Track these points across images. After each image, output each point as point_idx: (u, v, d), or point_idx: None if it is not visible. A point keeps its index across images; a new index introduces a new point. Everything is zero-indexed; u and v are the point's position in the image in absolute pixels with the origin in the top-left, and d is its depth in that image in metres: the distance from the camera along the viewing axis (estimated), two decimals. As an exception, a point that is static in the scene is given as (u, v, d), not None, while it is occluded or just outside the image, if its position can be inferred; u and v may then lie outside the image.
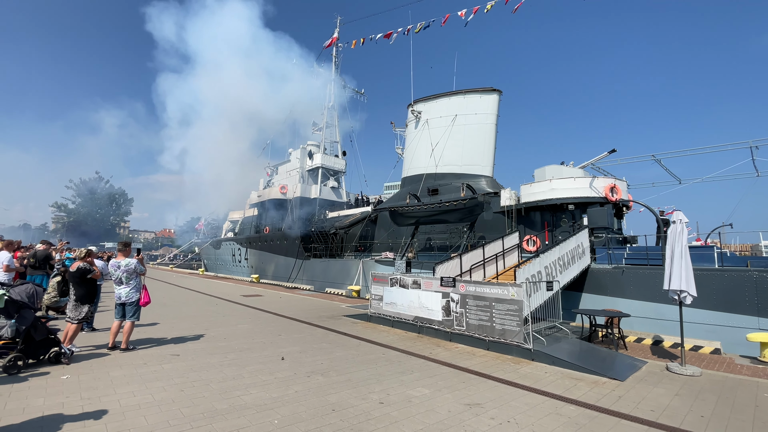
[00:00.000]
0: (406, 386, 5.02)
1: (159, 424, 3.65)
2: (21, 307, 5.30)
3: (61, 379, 4.92)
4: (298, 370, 5.62)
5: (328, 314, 11.12)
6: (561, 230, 15.45)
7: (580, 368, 5.97)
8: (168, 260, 55.16)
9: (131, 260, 6.50)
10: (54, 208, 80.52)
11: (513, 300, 7.06)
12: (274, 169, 34.01)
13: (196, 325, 8.87)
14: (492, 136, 19.95)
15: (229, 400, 4.34)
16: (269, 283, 24.53)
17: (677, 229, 6.11)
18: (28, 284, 5.65)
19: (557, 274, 10.05)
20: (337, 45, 32.67)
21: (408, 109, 22.72)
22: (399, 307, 9.33)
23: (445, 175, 20.04)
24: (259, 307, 12.38)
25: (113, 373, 5.22)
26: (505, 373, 5.78)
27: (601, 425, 3.97)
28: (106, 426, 3.58)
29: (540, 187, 15.94)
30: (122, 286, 6.44)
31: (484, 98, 20.35)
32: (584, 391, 5.07)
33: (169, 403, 4.20)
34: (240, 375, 5.29)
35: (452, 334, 7.98)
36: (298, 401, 4.37)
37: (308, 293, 18.33)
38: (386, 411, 4.16)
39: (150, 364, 5.65)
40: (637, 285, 10.82)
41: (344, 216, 25.46)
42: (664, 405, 4.59)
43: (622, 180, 15.74)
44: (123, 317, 6.45)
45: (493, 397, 4.74)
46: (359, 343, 7.52)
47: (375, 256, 20.10)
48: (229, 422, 3.75)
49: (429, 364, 6.16)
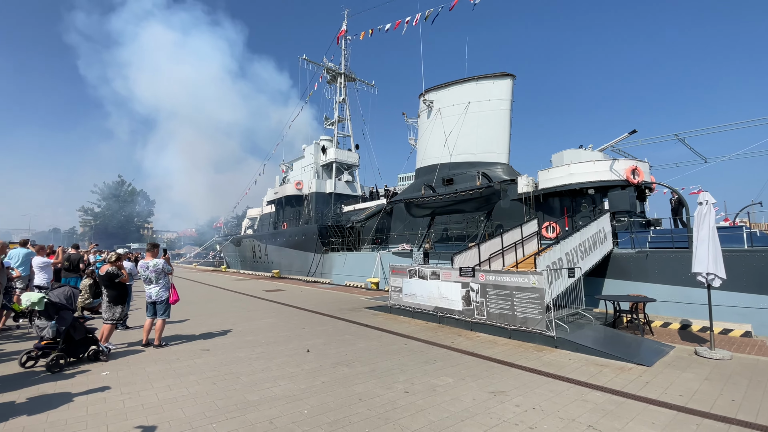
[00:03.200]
0: (429, 375, 5.09)
1: (196, 416, 3.83)
2: (60, 308, 5.59)
3: (101, 375, 5.19)
4: (324, 361, 5.76)
5: (349, 307, 11.29)
6: (581, 215, 15.16)
7: (605, 354, 5.92)
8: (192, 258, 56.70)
9: (159, 260, 6.75)
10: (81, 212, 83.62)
11: (534, 288, 7.02)
12: (289, 165, 34.36)
13: (223, 321, 9.16)
14: (506, 122, 19.61)
15: (259, 392, 4.51)
16: (290, 277, 24.99)
17: (704, 211, 5.94)
18: (65, 287, 5.94)
19: (579, 260, 9.90)
20: (346, 37, 32.50)
21: (420, 99, 22.51)
22: (419, 297, 9.40)
23: (459, 164, 19.86)
24: (282, 301, 12.66)
25: (149, 368, 5.47)
26: (529, 361, 5.78)
27: (628, 411, 3.95)
28: (146, 418, 3.78)
29: (558, 172, 15.64)
30: (152, 286, 6.70)
31: (497, 84, 19.98)
32: (610, 377, 5.04)
33: (203, 395, 4.40)
34: (268, 368, 5.46)
35: (473, 324, 8.00)
36: (326, 392, 4.50)
37: (328, 286, 18.61)
38: (411, 400, 4.25)
39: (182, 359, 5.89)
40: (662, 269, 10.56)
41: (360, 209, 25.59)
42: (693, 390, 4.52)
43: (644, 161, 15.28)
44: (154, 315, 6.72)
45: (517, 384, 4.77)
46: (381, 334, 7.64)
47: (392, 248, 20.18)
48: (262, 413, 3.90)
49: (451, 354, 6.21)
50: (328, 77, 32.34)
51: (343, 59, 32.37)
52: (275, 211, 32.50)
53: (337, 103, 31.85)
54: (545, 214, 16.01)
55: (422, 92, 22.33)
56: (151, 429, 3.54)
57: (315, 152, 30.37)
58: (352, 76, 33.00)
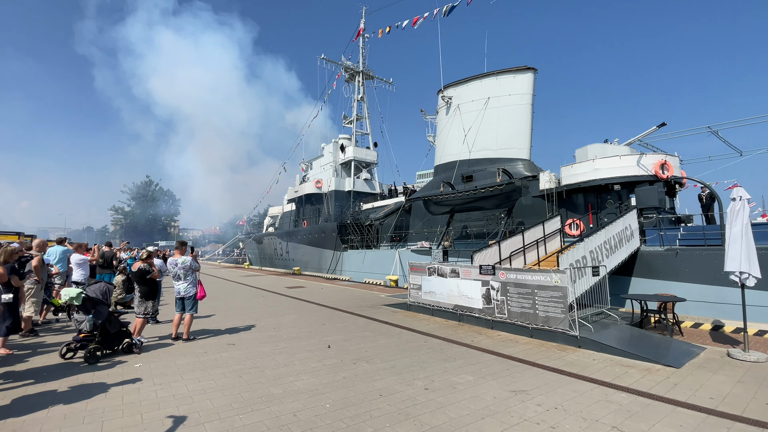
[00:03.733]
0: (449, 373, 5.11)
1: (223, 407, 3.99)
2: (96, 303, 5.89)
3: (134, 367, 5.45)
4: (344, 357, 5.86)
5: (369, 304, 11.39)
6: (606, 212, 14.76)
7: (631, 355, 5.77)
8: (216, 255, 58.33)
9: (187, 258, 7.01)
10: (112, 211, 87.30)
11: (556, 287, 6.91)
12: (309, 164, 34.78)
13: (247, 316, 9.43)
14: (528, 117, 19.24)
15: (283, 385, 4.64)
16: (310, 274, 25.37)
17: (737, 207, 5.69)
18: (101, 283, 6.26)
19: (603, 258, 9.66)
20: (364, 36, 32.56)
21: (438, 95, 22.34)
22: (438, 295, 9.39)
23: (479, 160, 19.63)
24: (303, 297, 12.89)
25: (178, 361, 5.71)
26: (551, 360, 5.71)
27: (655, 413, 3.86)
28: (177, 408, 3.97)
29: (582, 167, 15.25)
30: (180, 282, 6.97)
31: (518, 78, 19.60)
32: (636, 378, 4.92)
33: (230, 387, 4.57)
34: (291, 362, 5.61)
35: (494, 322, 7.94)
36: (347, 387, 4.59)
37: (347, 284, 18.80)
38: (431, 396, 4.28)
39: (210, 353, 6.12)
40: (693, 267, 10.16)
41: (378, 207, 25.67)
42: (724, 393, 4.37)
43: (673, 155, 14.71)
44: (183, 310, 7.00)
45: (538, 384, 4.73)
46: (401, 332, 7.69)
47: (411, 245, 20.18)
48: (285, 406, 4.02)
49: (471, 352, 6.20)
50: (347, 76, 32.49)
51: (361, 57, 32.46)
52: (296, 209, 33.01)
53: (355, 101, 31.97)
54: (568, 211, 15.66)
55: (440, 88, 22.16)
56: (182, 419, 3.71)
57: (334, 151, 30.63)
58: (370, 74, 33.05)
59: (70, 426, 3.57)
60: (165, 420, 3.68)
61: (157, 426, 3.55)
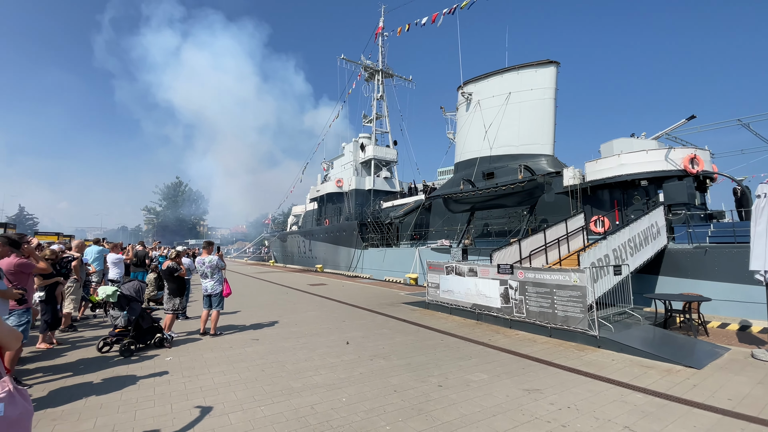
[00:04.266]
0: (464, 371, 5.19)
1: (246, 399, 4.24)
2: (131, 300, 6.32)
3: (165, 360, 5.82)
4: (362, 354, 6.04)
5: (388, 301, 11.55)
6: (633, 208, 14.31)
7: (651, 356, 5.67)
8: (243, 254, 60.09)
9: (214, 257, 7.37)
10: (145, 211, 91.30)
11: (575, 286, 6.84)
12: (330, 163, 35.27)
13: (271, 313, 9.78)
14: (551, 112, 18.86)
15: (302, 379, 4.86)
16: (332, 272, 25.81)
17: (761, 204, 5.48)
18: (134, 281, 6.70)
19: (627, 256, 9.43)
20: (383, 34, 32.63)
21: (458, 91, 22.18)
22: (456, 294, 9.44)
23: (501, 157, 19.40)
24: (324, 295, 13.20)
25: (206, 355, 6.05)
26: (568, 360, 5.69)
27: (669, 413, 3.83)
28: (204, 399, 4.25)
29: (607, 163, 14.85)
30: (207, 280, 7.34)
31: (540, 72, 19.23)
32: (654, 379, 4.85)
33: (253, 381, 4.83)
34: (311, 357, 5.84)
35: (512, 321, 7.93)
36: (363, 382, 4.76)
37: (368, 281, 19.04)
38: (445, 393, 4.39)
39: (235, 348, 6.44)
40: (722, 266, 9.76)
41: (399, 205, 25.78)
42: (743, 394, 4.26)
43: (704, 149, 14.09)
44: (210, 307, 7.36)
45: (553, 383, 4.74)
46: (418, 330, 7.81)
47: (431, 243, 20.19)
48: (304, 399, 4.23)
49: (488, 351, 6.25)
50: (366, 75, 32.69)
51: (380, 56, 32.57)
52: (317, 208, 33.59)
53: (375, 100, 32.15)
54: (594, 208, 15.28)
55: (460, 85, 21.99)
56: (208, 409, 3.98)
57: (354, 150, 30.93)
58: (389, 73, 33.13)
59: (105, 415, 3.89)
60: (193, 410, 3.96)
61: (186, 415, 3.83)
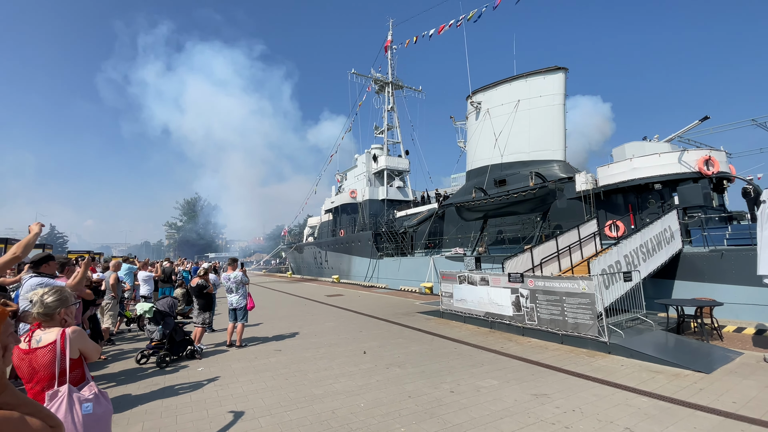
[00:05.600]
0: (475, 378, 5.46)
1: (273, 405, 4.63)
2: (165, 315, 6.84)
3: (197, 370, 6.28)
4: (378, 362, 6.37)
5: (403, 311, 11.84)
6: (648, 212, 14.27)
7: (660, 360, 5.82)
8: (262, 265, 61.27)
9: (238, 273, 7.87)
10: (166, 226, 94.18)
11: (584, 293, 7.02)
12: (344, 175, 35.94)
13: (291, 324, 10.21)
14: (560, 117, 18.97)
15: (323, 387, 5.23)
16: (348, 282, 26.21)
17: (766, 210, 5.60)
18: (168, 297, 7.23)
19: (639, 262, 9.51)
20: (392, 47, 33.34)
21: (467, 101, 22.52)
22: (469, 303, 9.67)
23: (512, 164, 19.56)
24: (342, 306, 13.58)
25: (234, 365, 6.48)
26: (578, 366, 5.88)
27: (671, 416, 4.02)
28: (236, 405, 4.66)
29: (619, 167, 14.88)
30: (232, 295, 7.83)
31: (549, 78, 19.42)
32: (661, 383, 5.02)
33: (278, 389, 5.22)
34: (330, 366, 6.20)
35: (524, 329, 8.12)
36: (379, 389, 5.09)
37: (384, 291, 19.35)
38: (456, 398, 4.68)
39: (260, 358, 6.86)
40: (740, 269, 9.70)
41: (412, 214, 26.09)
42: (749, 397, 4.41)
43: (719, 150, 14.00)
44: (235, 320, 7.84)
45: (561, 388, 4.97)
46: (432, 339, 8.08)
47: (445, 252, 20.38)
48: (325, 404, 4.59)
49: (499, 358, 6.49)
50: (377, 88, 33.39)
51: (390, 69, 33.24)
52: (332, 219, 34.19)
53: (385, 111, 32.76)
54: (608, 212, 15.27)
55: (469, 94, 22.32)
56: (240, 413, 4.39)
57: (367, 161, 31.51)
58: (399, 84, 33.74)
59: (150, 420, 4.33)
60: (227, 414, 4.37)
61: (221, 419, 4.24)
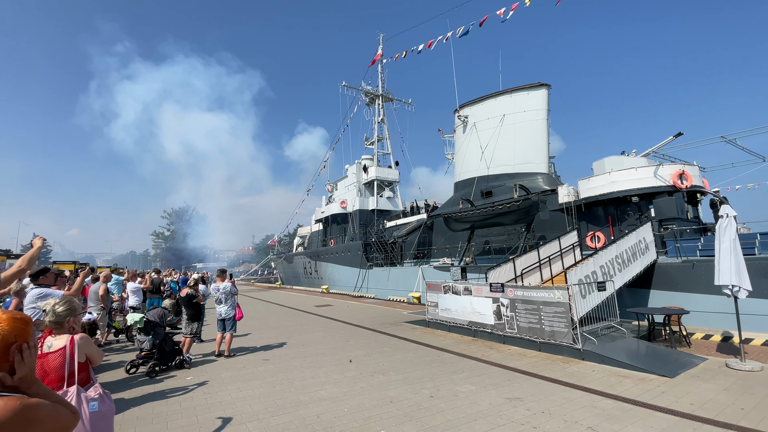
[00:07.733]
0: (454, 384, 5.74)
1: (261, 411, 4.83)
2: (155, 326, 6.99)
3: (186, 379, 6.43)
4: (363, 370, 6.61)
5: (391, 321, 12.08)
6: (627, 224, 14.84)
7: (629, 366, 6.17)
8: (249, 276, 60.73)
9: (227, 284, 8.05)
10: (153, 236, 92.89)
11: (560, 302, 7.39)
12: (334, 185, 36.25)
13: (280, 334, 10.36)
14: (544, 132, 19.63)
15: (309, 394, 5.45)
16: (338, 292, 26.30)
17: (724, 224, 6.06)
18: (158, 308, 7.38)
19: (615, 272, 9.94)
20: (382, 61, 34.07)
21: (455, 114, 23.14)
22: (453, 312, 9.98)
23: (498, 176, 20.10)
24: (330, 316, 13.75)
25: (222, 374, 6.65)
26: (552, 372, 6.20)
27: (631, 416, 4.35)
28: (224, 411, 4.85)
29: (599, 180, 15.49)
30: (221, 305, 8.00)
31: (532, 94, 20.12)
32: (627, 387, 5.36)
33: (265, 396, 5.42)
34: (317, 375, 6.41)
35: (505, 337, 8.44)
36: (363, 395, 5.33)
37: (373, 301, 19.53)
38: (434, 403, 4.95)
39: (248, 367, 7.03)
40: (709, 279, 10.11)
41: (401, 224, 26.45)
42: (706, 399, 4.76)
43: (692, 165, 14.71)
44: (224, 330, 7.99)
45: (534, 392, 5.27)
46: (417, 347, 8.34)
47: (433, 262, 20.72)
48: (311, 410, 4.81)
49: (479, 365, 6.78)
50: (367, 100, 34.00)
51: (380, 82, 33.93)
52: (323, 229, 34.36)
53: (376, 123, 33.34)
54: (589, 224, 15.82)
55: (456, 108, 22.95)
56: (228, 419, 4.58)
57: (357, 171, 31.91)
58: (389, 97, 34.42)
59: (142, 426, 4.50)
60: (215, 420, 4.56)
61: (210, 425, 4.44)
